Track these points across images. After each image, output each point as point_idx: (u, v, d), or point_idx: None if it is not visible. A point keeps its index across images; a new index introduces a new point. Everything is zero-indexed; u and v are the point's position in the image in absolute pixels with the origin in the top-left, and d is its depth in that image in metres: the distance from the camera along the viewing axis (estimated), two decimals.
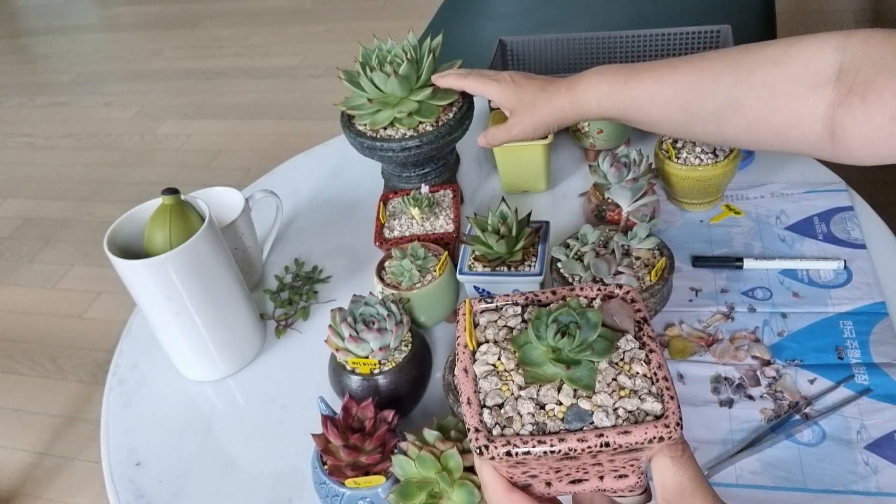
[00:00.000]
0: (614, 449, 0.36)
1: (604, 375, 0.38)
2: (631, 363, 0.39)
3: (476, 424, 0.37)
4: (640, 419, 0.37)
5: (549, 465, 0.38)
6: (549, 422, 0.37)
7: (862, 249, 0.78)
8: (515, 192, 0.95)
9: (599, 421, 0.37)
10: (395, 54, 0.83)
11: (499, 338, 0.41)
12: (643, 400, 0.38)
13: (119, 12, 3.89)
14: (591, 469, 0.39)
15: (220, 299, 0.74)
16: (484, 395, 0.38)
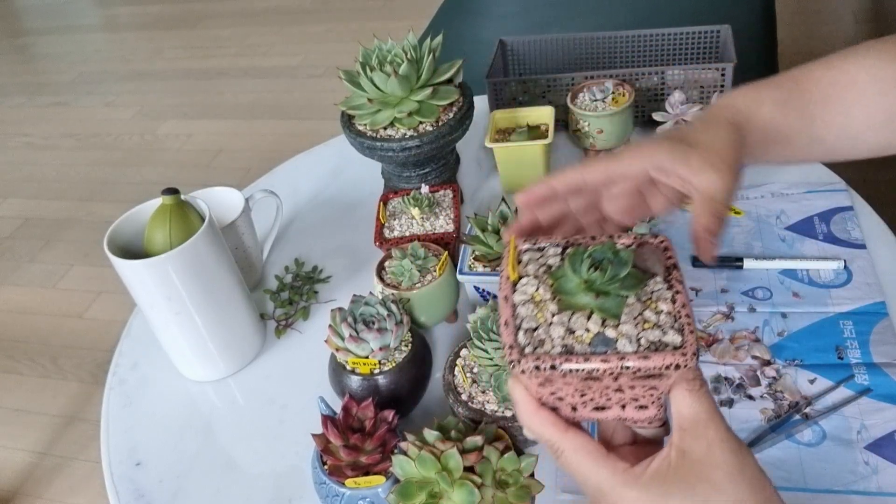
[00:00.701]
0: (634, 372, 0.40)
1: (631, 309, 0.41)
2: (657, 301, 0.42)
3: (511, 342, 0.41)
4: (661, 349, 0.40)
5: (575, 388, 0.42)
6: (577, 345, 0.40)
7: (862, 249, 0.78)
8: (516, 191, 0.95)
9: (622, 347, 0.40)
10: (395, 54, 0.83)
11: (539, 273, 0.44)
12: (665, 333, 0.40)
13: (119, 12, 3.90)
14: (613, 396, 0.42)
15: (221, 299, 0.74)
16: (520, 319, 0.42)
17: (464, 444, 0.55)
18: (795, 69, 0.56)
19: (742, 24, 1.23)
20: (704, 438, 0.41)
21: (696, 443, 0.41)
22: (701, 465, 0.41)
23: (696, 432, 0.41)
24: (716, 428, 0.41)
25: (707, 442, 0.41)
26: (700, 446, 0.41)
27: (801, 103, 0.54)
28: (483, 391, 0.64)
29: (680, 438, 0.42)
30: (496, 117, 0.96)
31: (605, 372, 0.40)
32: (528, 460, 0.56)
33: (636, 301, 0.42)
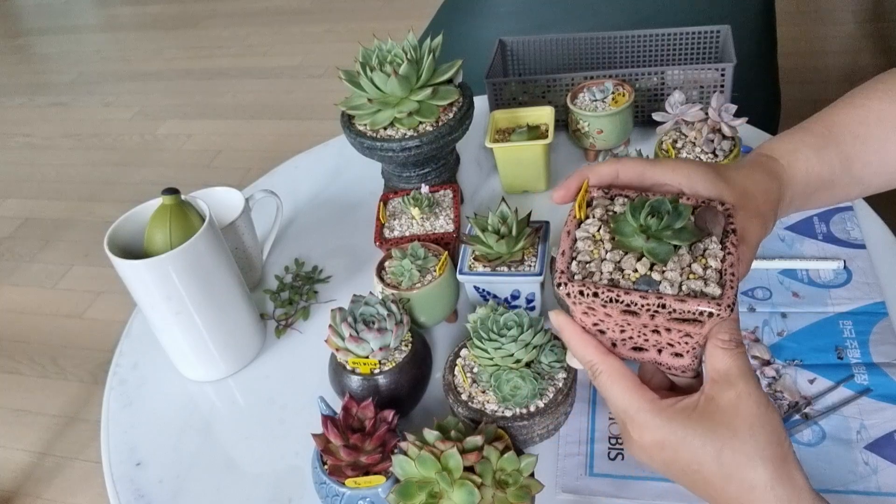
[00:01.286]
0: (669, 313, 0.42)
1: (680, 259, 0.44)
2: (707, 258, 0.44)
3: (563, 268, 0.45)
4: (698, 296, 0.42)
5: (616, 321, 0.45)
6: (623, 281, 0.44)
7: (861, 249, 0.78)
8: (515, 192, 0.95)
9: (664, 289, 0.43)
10: (395, 54, 0.83)
11: (603, 217, 0.47)
12: (707, 285, 0.43)
13: (119, 12, 3.90)
14: (650, 338, 0.46)
15: (221, 299, 0.74)
16: (577, 252, 0.46)
17: (464, 444, 0.55)
18: (821, 113, 0.56)
19: (742, 24, 1.23)
20: (734, 389, 0.43)
21: (725, 393, 0.44)
22: (725, 412, 0.43)
23: (727, 384, 0.44)
24: (745, 382, 0.44)
25: (736, 393, 0.43)
26: (728, 396, 0.44)
27: (837, 148, 0.54)
28: (483, 391, 0.64)
29: (710, 388, 0.44)
30: (496, 117, 0.96)
31: (642, 307, 0.43)
32: (527, 460, 0.56)
33: (687, 253, 0.44)
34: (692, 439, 0.43)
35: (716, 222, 0.46)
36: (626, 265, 0.44)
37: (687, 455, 0.44)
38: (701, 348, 0.46)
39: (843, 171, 0.54)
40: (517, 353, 0.62)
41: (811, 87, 2.29)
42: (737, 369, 0.44)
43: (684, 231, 0.44)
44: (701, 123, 0.83)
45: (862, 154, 0.54)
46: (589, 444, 0.65)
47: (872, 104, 0.55)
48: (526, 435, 0.62)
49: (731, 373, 0.44)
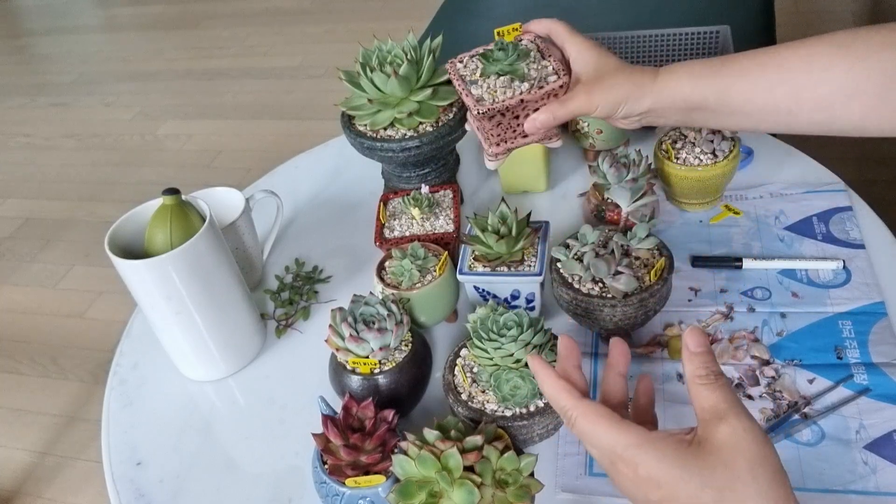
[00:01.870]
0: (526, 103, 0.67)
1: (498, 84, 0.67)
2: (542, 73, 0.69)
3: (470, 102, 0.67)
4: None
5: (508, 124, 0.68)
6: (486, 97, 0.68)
7: (861, 249, 0.78)
8: (515, 192, 0.95)
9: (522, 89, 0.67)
10: (395, 55, 0.83)
11: None
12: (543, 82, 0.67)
13: (120, 13, 3.90)
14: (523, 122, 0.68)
15: (221, 299, 0.74)
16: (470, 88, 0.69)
17: (464, 443, 0.55)
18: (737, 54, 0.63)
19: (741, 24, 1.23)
20: (726, 424, 0.42)
21: (718, 429, 0.42)
22: (721, 450, 0.41)
23: (717, 419, 0.42)
24: (736, 416, 0.42)
25: (730, 428, 0.41)
26: (723, 432, 0.42)
27: (717, 80, 0.61)
28: (483, 391, 0.64)
29: (702, 427, 0.43)
30: None
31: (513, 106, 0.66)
32: (527, 460, 0.56)
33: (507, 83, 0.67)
34: (690, 479, 0.41)
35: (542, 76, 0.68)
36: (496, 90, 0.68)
37: (684, 497, 0.41)
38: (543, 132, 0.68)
39: (719, 101, 0.61)
40: (517, 353, 0.62)
41: None
42: (724, 402, 0.42)
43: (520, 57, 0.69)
44: None
45: (743, 90, 0.60)
46: None
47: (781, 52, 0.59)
48: (526, 434, 0.62)
49: (720, 407, 0.42)
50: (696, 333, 0.45)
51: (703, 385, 0.43)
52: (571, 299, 0.68)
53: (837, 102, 0.57)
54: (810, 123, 0.59)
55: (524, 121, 0.66)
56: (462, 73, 0.71)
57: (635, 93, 0.64)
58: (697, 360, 0.44)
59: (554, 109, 0.65)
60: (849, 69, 0.56)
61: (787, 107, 0.59)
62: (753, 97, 0.60)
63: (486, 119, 0.66)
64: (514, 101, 0.65)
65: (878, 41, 0.55)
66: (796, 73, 0.58)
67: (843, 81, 0.56)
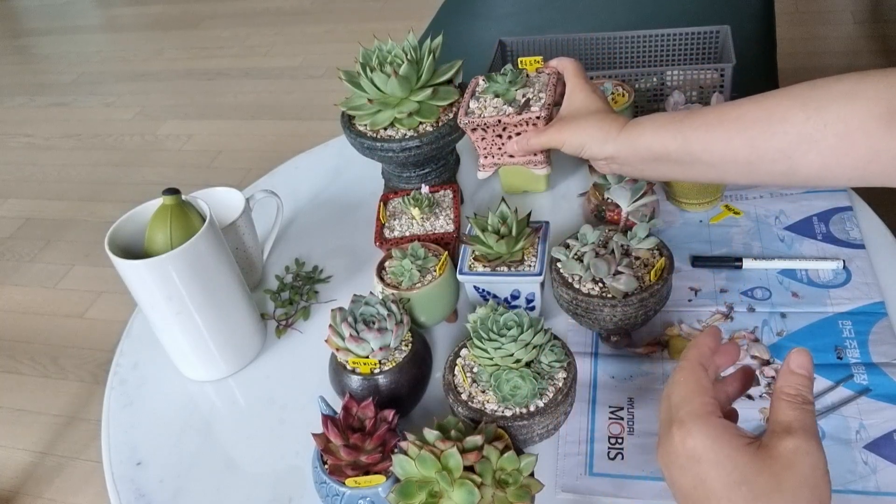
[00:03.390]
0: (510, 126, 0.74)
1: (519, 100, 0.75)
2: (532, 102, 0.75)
3: (462, 113, 0.77)
4: None
5: (493, 141, 0.76)
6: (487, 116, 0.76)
7: (861, 249, 0.78)
8: (515, 192, 0.95)
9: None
10: (395, 55, 0.83)
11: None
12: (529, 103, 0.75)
13: (120, 13, 3.90)
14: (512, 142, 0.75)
15: (221, 299, 0.74)
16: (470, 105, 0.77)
17: (464, 443, 0.55)
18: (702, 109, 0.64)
19: (741, 24, 1.23)
20: (792, 441, 0.41)
21: (783, 442, 0.42)
22: (776, 461, 0.41)
23: (786, 434, 0.42)
24: (807, 438, 0.42)
25: (794, 445, 0.41)
26: (785, 446, 0.41)
27: (680, 130, 0.63)
28: (483, 391, 0.64)
29: (767, 437, 0.43)
30: None
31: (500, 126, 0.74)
32: (527, 460, 0.56)
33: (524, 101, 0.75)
34: (732, 470, 0.41)
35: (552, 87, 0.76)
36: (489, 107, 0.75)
37: (718, 485, 0.41)
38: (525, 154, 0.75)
39: (682, 150, 0.63)
40: (517, 353, 0.62)
41: None
42: (799, 423, 0.42)
43: (516, 84, 0.76)
44: None
45: (705, 140, 0.61)
46: (589, 443, 0.65)
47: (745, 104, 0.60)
48: (526, 434, 0.62)
49: (793, 426, 0.42)
50: (803, 355, 0.45)
51: (788, 402, 0.43)
52: (571, 299, 0.68)
53: (796, 153, 0.57)
54: (771, 174, 0.60)
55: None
56: (477, 88, 0.79)
57: (599, 137, 0.68)
58: (794, 379, 0.44)
59: (529, 136, 0.73)
60: (805, 120, 0.56)
61: (745, 157, 0.59)
62: (712, 147, 0.61)
63: (469, 130, 0.75)
64: (492, 120, 0.73)
65: (838, 91, 0.55)
66: (754, 123, 0.59)
67: (799, 132, 0.56)
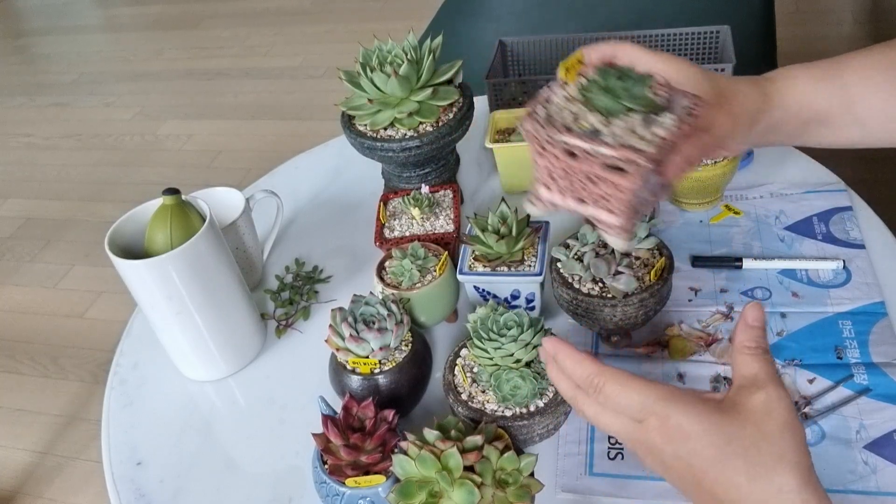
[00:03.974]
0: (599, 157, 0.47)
1: (630, 121, 0.48)
2: (657, 128, 0.48)
3: (531, 109, 0.52)
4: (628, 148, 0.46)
5: (561, 165, 0.50)
6: (574, 128, 0.49)
7: (861, 249, 0.78)
8: (515, 192, 0.95)
9: (603, 138, 0.47)
10: (395, 55, 0.83)
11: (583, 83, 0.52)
12: (648, 146, 0.46)
13: (120, 13, 3.90)
14: (588, 188, 0.49)
15: (221, 299, 0.74)
16: (550, 105, 0.51)
17: (464, 443, 0.55)
18: (839, 56, 0.55)
19: (741, 24, 1.23)
20: (763, 392, 0.43)
21: (754, 395, 0.43)
22: (753, 413, 0.43)
23: (755, 387, 0.43)
24: (775, 386, 0.43)
25: (766, 395, 0.43)
26: (758, 398, 0.43)
27: (839, 82, 0.53)
28: (483, 391, 0.64)
29: (736, 392, 0.44)
30: (496, 117, 0.96)
31: (576, 148, 0.48)
32: (527, 460, 0.56)
33: (640, 119, 0.48)
34: (718, 432, 0.42)
35: (677, 103, 0.49)
36: (583, 118, 0.49)
37: (711, 449, 0.42)
38: (632, 209, 0.48)
39: (843, 109, 0.53)
40: (517, 353, 0.62)
41: None
42: (765, 374, 0.44)
43: (640, 98, 0.48)
44: None
45: (867, 96, 0.53)
46: (589, 443, 0.65)
47: (888, 51, 0.53)
48: (526, 434, 0.62)
49: (759, 377, 0.44)
50: (756, 309, 0.47)
51: (750, 355, 0.45)
52: (571, 299, 0.68)
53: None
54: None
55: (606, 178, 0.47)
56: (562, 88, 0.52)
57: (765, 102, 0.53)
58: (751, 333, 0.46)
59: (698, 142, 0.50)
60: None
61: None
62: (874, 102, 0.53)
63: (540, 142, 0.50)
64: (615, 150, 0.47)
65: None
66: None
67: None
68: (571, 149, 0.48)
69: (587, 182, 0.49)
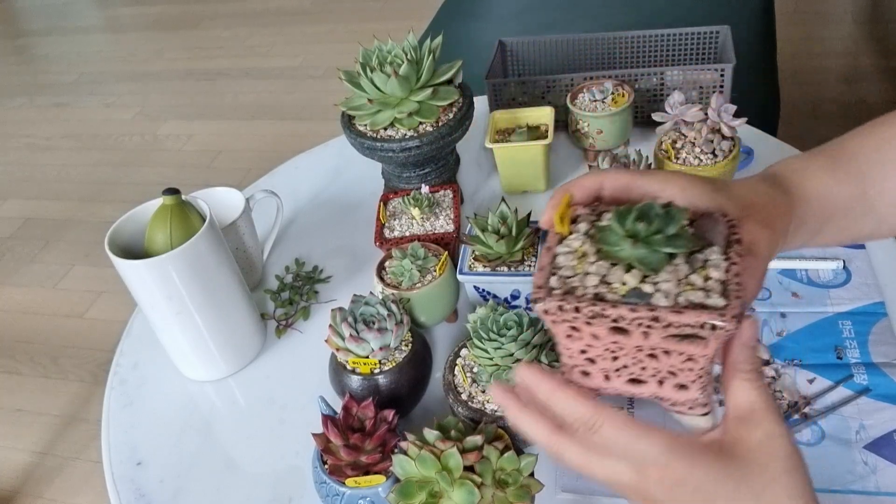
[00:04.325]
0: (665, 327, 0.36)
1: (676, 270, 0.38)
2: (709, 268, 0.39)
3: (540, 283, 0.39)
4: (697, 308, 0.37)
5: (605, 345, 0.39)
6: (610, 295, 0.38)
7: (861, 249, 0.78)
8: (515, 192, 0.95)
9: (657, 301, 0.37)
10: (395, 55, 0.83)
11: (589, 231, 0.42)
12: (709, 296, 0.37)
13: (120, 13, 3.90)
14: (648, 365, 0.40)
15: (221, 299, 0.74)
16: (557, 268, 0.40)
17: (464, 443, 0.55)
18: (836, 139, 0.51)
19: (742, 24, 1.23)
20: (761, 429, 0.40)
21: (753, 432, 0.40)
22: (756, 453, 0.40)
23: (753, 422, 0.40)
24: (774, 420, 0.40)
25: (765, 432, 0.40)
26: (756, 436, 0.40)
27: (851, 168, 0.49)
28: (483, 391, 0.64)
29: (734, 427, 0.40)
30: (496, 118, 0.96)
31: (633, 322, 0.36)
32: (527, 460, 0.56)
33: (684, 264, 0.39)
34: (725, 481, 0.39)
35: (716, 231, 0.40)
36: (612, 278, 0.39)
37: (721, 498, 0.39)
38: (708, 376, 0.40)
39: (859, 195, 0.49)
40: (517, 353, 0.62)
41: (810, 87, 2.29)
42: (761, 404, 0.40)
43: (678, 237, 0.39)
44: (700, 124, 0.83)
45: (878, 178, 0.49)
46: None
47: (890, 130, 0.50)
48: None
49: (756, 408, 0.40)
50: (754, 326, 0.41)
51: (746, 380, 0.40)
52: None
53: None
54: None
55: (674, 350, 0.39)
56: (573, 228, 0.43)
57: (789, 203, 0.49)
58: (747, 353, 0.41)
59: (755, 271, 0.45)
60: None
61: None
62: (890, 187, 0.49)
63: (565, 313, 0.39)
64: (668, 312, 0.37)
65: None
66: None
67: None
68: (619, 323, 0.37)
69: (645, 358, 0.39)
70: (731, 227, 0.41)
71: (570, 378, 0.42)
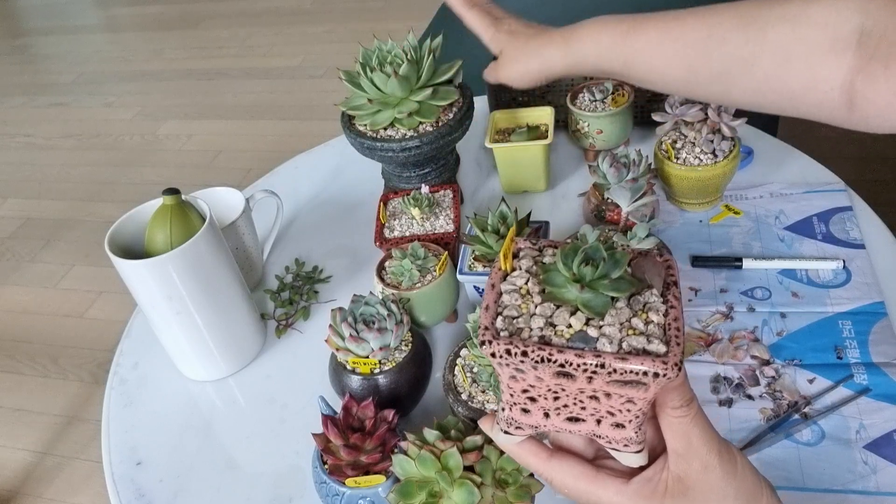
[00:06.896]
0: (609, 373, 0.37)
1: (619, 314, 0.39)
2: (648, 312, 0.40)
3: (486, 324, 0.40)
4: (641, 354, 0.38)
5: (548, 386, 0.40)
6: (555, 338, 0.39)
7: (861, 249, 0.78)
8: (515, 192, 0.95)
9: (602, 346, 0.38)
10: (395, 55, 0.83)
11: (531, 269, 0.43)
12: (650, 342, 0.38)
13: (120, 13, 3.90)
14: (588, 405, 0.41)
15: (221, 299, 0.74)
16: (502, 307, 0.41)
17: (464, 443, 0.55)
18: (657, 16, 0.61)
19: None
20: (699, 461, 0.41)
21: (691, 466, 0.41)
22: (697, 489, 0.41)
23: (690, 456, 0.41)
24: (708, 451, 0.41)
25: (701, 464, 0.41)
26: (695, 469, 0.41)
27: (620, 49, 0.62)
28: (483, 391, 0.64)
29: (675, 464, 0.42)
30: (496, 117, 0.96)
31: (579, 367, 0.37)
32: None
33: (626, 307, 0.40)
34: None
35: (655, 273, 0.41)
36: (558, 320, 0.39)
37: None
38: (644, 416, 0.41)
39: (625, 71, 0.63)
40: None
41: None
42: (696, 438, 0.41)
43: (622, 281, 0.40)
44: (700, 124, 0.83)
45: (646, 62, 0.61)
46: None
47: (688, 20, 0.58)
48: None
49: (692, 443, 0.41)
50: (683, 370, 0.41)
51: (678, 418, 0.41)
52: None
53: (732, 76, 0.56)
54: (707, 94, 0.61)
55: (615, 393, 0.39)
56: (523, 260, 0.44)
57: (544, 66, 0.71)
58: (679, 391, 0.41)
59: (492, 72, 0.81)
60: (745, 43, 0.54)
61: (684, 78, 0.59)
62: (653, 69, 0.61)
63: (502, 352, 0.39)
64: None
65: (783, 13, 0.52)
66: (694, 45, 0.57)
67: (737, 55, 0.55)
68: (566, 368, 0.38)
69: (586, 399, 0.40)
70: (668, 270, 0.42)
71: (511, 414, 0.43)
